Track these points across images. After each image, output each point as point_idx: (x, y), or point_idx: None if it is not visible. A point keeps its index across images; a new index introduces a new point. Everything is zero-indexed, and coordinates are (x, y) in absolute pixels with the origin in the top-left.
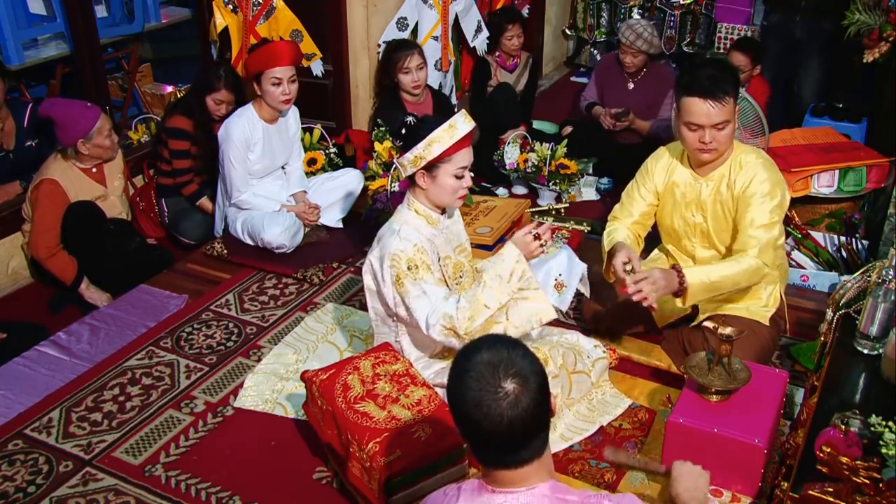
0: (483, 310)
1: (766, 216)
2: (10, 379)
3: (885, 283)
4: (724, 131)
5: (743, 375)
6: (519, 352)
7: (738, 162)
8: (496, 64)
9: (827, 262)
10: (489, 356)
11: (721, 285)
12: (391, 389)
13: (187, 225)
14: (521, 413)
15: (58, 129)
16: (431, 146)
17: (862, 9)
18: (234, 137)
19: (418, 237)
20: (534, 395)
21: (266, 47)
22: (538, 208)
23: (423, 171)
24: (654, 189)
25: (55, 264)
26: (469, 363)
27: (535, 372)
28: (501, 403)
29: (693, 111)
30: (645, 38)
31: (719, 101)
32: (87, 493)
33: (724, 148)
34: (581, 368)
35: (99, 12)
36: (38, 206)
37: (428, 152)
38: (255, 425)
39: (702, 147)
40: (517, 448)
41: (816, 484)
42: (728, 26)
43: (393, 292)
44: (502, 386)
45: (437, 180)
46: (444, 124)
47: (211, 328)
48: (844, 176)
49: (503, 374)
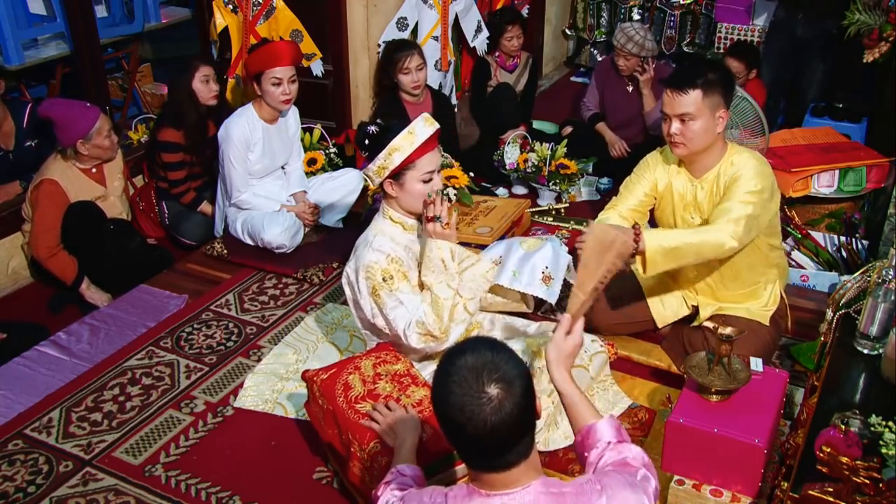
0: (443, 304)
1: (744, 195)
2: (10, 379)
3: (885, 283)
4: (690, 126)
5: (743, 375)
6: (503, 355)
7: (729, 162)
8: (496, 64)
9: (827, 262)
10: (472, 360)
11: (682, 252)
12: (392, 389)
13: (187, 225)
14: (504, 417)
15: (57, 130)
16: (392, 155)
17: (862, 9)
18: (234, 137)
19: (392, 247)
20: (517, 400)
21: (266, 47)
22: (538, 208)
23: (390, 180)
24: (652, 183)
25: (55, 264)
26: (452, 367)
27: (520, 375)
28: (485, 409)
29: (663, 101)
30: (636, 41)
31: (680, 91)
32: (87, 493)
33: (695, 145)
34: (579, 363)
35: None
36: (38, 206)
37: (389, 161)
38: (255, 425)
39: (669, 138)
40: (502, 452)
41: (816, 484)
42: (728, 26)
43: (370, 303)
44: (486, 391)
45: (405, 187)
46: (402, 131)
47: (211, 328)
48: (844, 176)
49: (486, 378)
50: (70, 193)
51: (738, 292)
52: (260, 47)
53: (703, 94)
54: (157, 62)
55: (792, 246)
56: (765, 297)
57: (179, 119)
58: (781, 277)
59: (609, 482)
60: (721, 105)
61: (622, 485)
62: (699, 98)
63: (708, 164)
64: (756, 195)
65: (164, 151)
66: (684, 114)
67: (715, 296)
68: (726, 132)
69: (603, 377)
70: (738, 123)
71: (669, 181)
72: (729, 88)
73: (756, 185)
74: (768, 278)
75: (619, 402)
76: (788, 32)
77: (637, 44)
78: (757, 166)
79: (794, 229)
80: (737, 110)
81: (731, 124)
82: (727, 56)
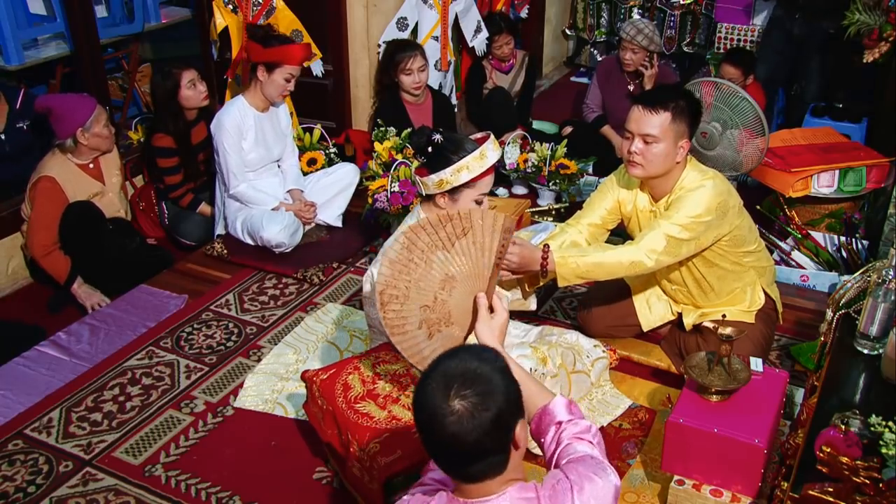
0: None
1: (674, 217)
2: (10, 379)
3: (885, 283)
4: (651, 148)
5: (743, 375)
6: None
7: (680, 184)
8: (490, 67)
9: (827, 262)
10: (453, 367)
11: (594, 273)
12: (391, 389)
13: (187, 226)
14: (464, 434)
15: (56, 121)
16: (460, 173)
17: (862, 9)
18: (226, 125)
19: None
20: (481, 422)
21: (292, 46)
22: (538, 208)
23: (445, 193)
24: (615, 202)
25: (50, 263)
26: (434, 369)
27: (498, 402)
28: (447, 419)
29: (629, 117)
30: (646, 34)
31: (650, 110)
32: (87, 493)
33: (652, 169)
34: (580, 368)
35: (99, 12)
36: (34, 204)
37: (456, 178)
38: (255, 425)
39: (627, 156)
40: (464, 464)
41: (816, 484)
42: (728, 26)
43: None
44: (449, 403)
45: (458, 203)
46: (474, 152)
47: (211, 328)
48: (844, 176)
49: (456, 390)
50: (68, 191)
51: (718, 301)
52: (283, 42)
53: (672, 119)
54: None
55: (792, 246)
56: (746, 299)
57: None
58: (763, 276)
59: (575, 476)
60: (685, 135)
61: (588, 474)
62: (667, 121)
63: (665, 187)
64: (690, 219)
65: (160, 157)
66: (648, 135)
67: (695, 304)
68: (727, 132)
69: (602, 382)
70: (739, 124)
71: (634, 201)
72: (695, 121)
73: (693, 211)
74: (746, 282)
75: (619, 402)
76: (785, 31)
77: (647, 36)
78: (704, 189)
79: (794, 229)
80: (737, 110)
81: (731, 124)
82: (723, 62)
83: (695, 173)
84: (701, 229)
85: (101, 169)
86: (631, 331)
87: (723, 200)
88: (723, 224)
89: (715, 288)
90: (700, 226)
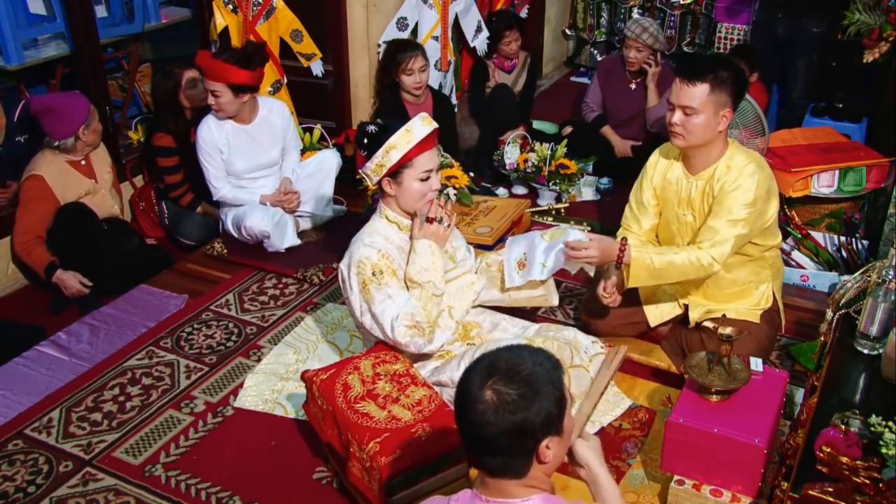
0: (432, 298)
1: (734, 211)
2: (10, 379)
3: (885, 283)
4: (692, 119)
5: (743, 375)
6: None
7: (726, 165)
8: (494, 65)
9: (827, 262)
10: (507, 358)
11: (666, 273)
12: (391, 389)
13: (187, 226)
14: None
15: (59, 121)
16: (389, 153)
17: (862, 9)
18: (200, 137)
19: (384, 244)
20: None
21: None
22: (538, 208)
23: (388, 178)
24: (652, 189)
25: (29, 257)
26: (492, 353)
27: (530, 411)
28: (474, 404)
29: (671, 90)
30: (651, 32)
31: (689, 82)
32: (87, 493)
33: (693, 139)
34: (578, 363)
35: (99, 12)
36: (20, 202)
37: (387, 159)
38: (255, 425)
39: (670, 127)
40: (483, 453)
41: (816, 484)
42: (728, 26)
43: (360, 300)
44: (483, 391)
45: (403, 185)
46: (400, 129)
47: (211, 328)
48: (844, 176)
49: (494, 381)
50: (58, 190)
51: (729, 291)
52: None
53: (711, 90)
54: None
55: (792, 246)
56: (756, 296)
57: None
58: (775, 278)
59: None
60: (727, 104)
61: None
62: (705, 93)
63: (706, 161)
64: (748, 209)
65: (160, 156)
66: (687, 107)
67: (705, 294)
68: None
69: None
70: (739, 123)
71: (665, 178)
72: (739, 89)
73: (750, 197)
74: (761, 279)
75: (619, 402)
76: (770, 32)
77: (652, 35)
78: (754, 173)
79: (794, 229)
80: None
81: (731, 124)
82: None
83: (741, 154)
84: (754, 218)
85: (93, 166)
86: (636, 328)
87: (770, 184)
88: (768, 208)
89: (735, 276)
90: (754, 215)
